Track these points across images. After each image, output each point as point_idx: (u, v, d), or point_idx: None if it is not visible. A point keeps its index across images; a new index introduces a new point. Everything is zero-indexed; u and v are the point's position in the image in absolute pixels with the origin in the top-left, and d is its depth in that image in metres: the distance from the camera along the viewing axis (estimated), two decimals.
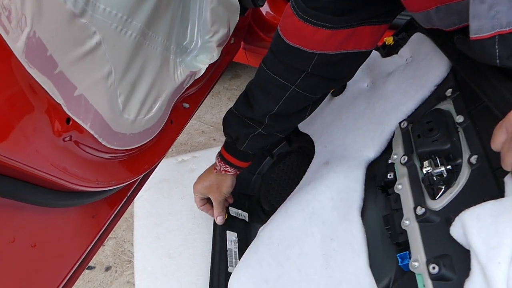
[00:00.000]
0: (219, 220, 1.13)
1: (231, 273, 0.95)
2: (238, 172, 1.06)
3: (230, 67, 1.77)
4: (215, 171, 1.06)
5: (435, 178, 0.65)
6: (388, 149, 0.84)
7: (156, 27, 0.74)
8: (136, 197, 1.01)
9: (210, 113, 1.94)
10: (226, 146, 1.03)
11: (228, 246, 1.09)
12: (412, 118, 0.81)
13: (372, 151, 0.85)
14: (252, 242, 0.95)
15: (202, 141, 1.79)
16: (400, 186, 0.70)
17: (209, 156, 1.62)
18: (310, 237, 0.81)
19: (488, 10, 0.53)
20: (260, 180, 1.19)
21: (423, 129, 0.71)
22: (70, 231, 0.73)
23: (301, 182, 0.97)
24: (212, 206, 1.14)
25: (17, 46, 0.44)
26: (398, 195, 0.70)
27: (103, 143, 0.62)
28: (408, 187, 0.68)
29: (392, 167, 0.76)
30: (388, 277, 0.68)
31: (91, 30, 0.55)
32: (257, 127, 0.91)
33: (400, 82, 0.89)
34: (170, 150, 1.00)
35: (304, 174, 0.98)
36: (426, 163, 0.67)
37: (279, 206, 0.95)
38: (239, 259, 0.99)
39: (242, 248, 1.05)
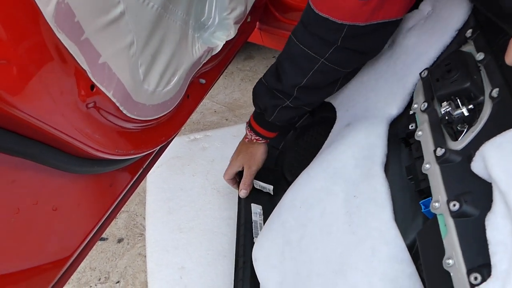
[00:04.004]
0: (243, 193, 1.13)
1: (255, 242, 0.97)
2: (267, 141, 1.08)
3: (244, 48, 1.77)
4: (247, 140, 1.09)
5: (454, 119, 0.63)
6: (411, 104, 0.81)
7: (176, 1, 0.75)
8: (149, 172, 1.04)
9: (223, 93, 1.95)
10: (255, 116, 1.05)
11: (253, 218, 1.09)
12: (432, 67, 0.79)
13: (394, 108, 0.83)
14: (275, 208, 0.94)
15: (215, 121, 1.81)
16: (420, 133, 0.68)
17: (221, 135, 1.64)
18: (333, 197, 0.80)
19: None
20: (284, 153, 1.20)
21: (442, 72, 0.69)
22: (89, 198, 0.75)
23: (323, 146, 0.96)
24: (237, 182, 1.17)
25: (47, 10, 0.45)
26: (419, 142, 0.68)
27: (124, 112, 0.64)
28: (429, 132, 0.67)
29: (413, 117, 0.75)
30: (415, 229, 0.66)
31: None
32: (285, 100, 0.92)
33: (421, 35, 0.86)
34: (183, 128, 1.01)
35: None
36: (444, 103, 0.65)
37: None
38: None
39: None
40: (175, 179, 1.49)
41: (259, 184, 1.15)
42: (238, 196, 1.16)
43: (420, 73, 0.79)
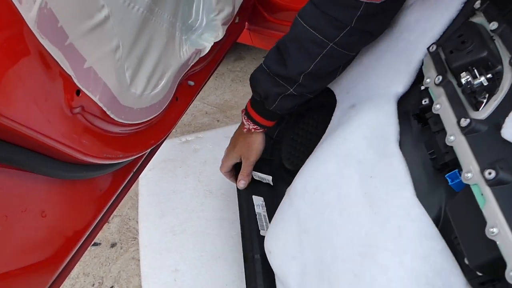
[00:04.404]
0: (242, 184, 1.10)
1: (264, 236, 0.93)
2: (265, 130, 1.03)
3: (234, 49, 1.78)
4: (245, 130, 1.04)
5: (476, 88, 0.62)
6: (417, 82, 0.80)
7: (162, 3, 0.74)
8: (141, 176, 1.03)
9: (213, 95, 1.95)
10: (252, 104, 0.99)
11: (257, 210, 1.06)
12: (440, 41, 0.76)
13: (400, 85, 0.80)
14: (284, 197, 0.90)
15: (206, 122, 1.80)
16: (438, 106, 0.66)
17: (212, 137, 1.64)
18: (347, 179, 0.77)
19: None
20: (279, 143, 1.16)
21: (455, 44, 0.67)
22: (79, 203, 0.75)
23: (327, 130, 0.92)
24: (235, 174, 1.14)
25: (29, 16, 0.45)
26: (437, 116, 0.67)
27: (111, 116, 0.64)
28: (448, 104, 0.65)
29: (425, 92, 0.72)
30: (438, 205, 0.66)
31: (99, 3, 0.56)
32: (289, 87, 0.88)
33: (423, 10, 0.83)
34: (174, 130, 1.01)
35: (327, 127, 0.94)
36: (464, 74, 0.64)
37: (303, 164, 0.90)
38: (270, 222, 0.97)
39: (271, 211, 1.03)
40: (167, 181, 1.49)
41: (258, 175, 1.11)
42: (237, 189, 1.12)
43: (428, 48, 0.76)
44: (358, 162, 0.77)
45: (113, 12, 0.59)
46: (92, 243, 0.85)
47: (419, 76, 0.79)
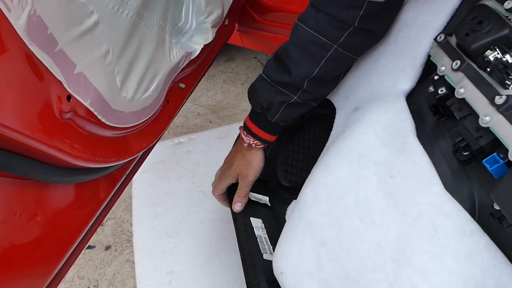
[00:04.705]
0: (238, 207, 1.00)
1: (268, 260, 0.85)
2: (266, 146, 0.97)
3: (225, 50, 1.78)
4: (245, 144, 0.96)
5: (507, 64, 0.59)
6: (422, 78, 0.77)
7: (151, 7, 0.75)
8: (134, 178, 1.03)
9: (205, 96, 1.95)
10: (252, 117, 0.94)
11: (256, 233, 0.96)
12: (447, 30, 0.73)
13: (407, 82, 0.77)
14: (291, 212, 0.83)
15: (198, 123, 1.81)
16: (462, 90, 0.63)
17: (205, 138, 1.65)
18: (364, 182, 0.71)
19: None
20: (273, 161, 1.10)
21: (470, 26, 0.64)
22: (72, 207, 0.75)
23: (330, 138, 0.88)
24: (228, 197, 1.06)
25: (19, 24, 0.45)
26: (461, 101, 0.64)
27: (103, 120, 0.65)
28: (473, 86, 0.62)
29: (441, 81, 0.69)
30: (469, 198, 0.62)
31: (88, 9, 0.57)
32: (293, 95, 0.84)
33: (420, 6, 0.81)
34: (166, 132, 1.01)
35: (325, 140, 0.89)
36: (489, 51, 0.61)
37: (303, 181, 0.84)
38: (272, 244, 0.89)
39: (272, 233, 0.95)
40: (161, 183, 1.49)
41: (254, 196, 1.04)
42: (233, 212, 1.03)
43: (436, 38, 0.74)
44: (374, 163, 0.72)
45: (102, 18, 0.60)
46: (87, 246, 0.85)
47: (425, 72, 0.77)
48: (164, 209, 1.41)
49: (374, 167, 0.71)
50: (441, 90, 0.69)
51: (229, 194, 1.05)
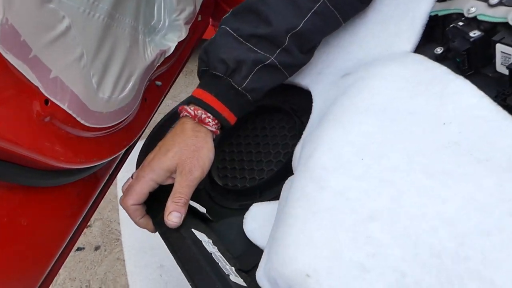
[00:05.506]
0: (175, 218, 0.63)
1: (237, 283, 0.56)
2: (218, 132, 0.69)
3: (201, 45, 1.79)
4: (193, 120, 0.67)
5: None
6: (424, 43, 0.67)
7: (123, 8, 0.77)
8: (118, 177, 1.04)
9: (185, 92, 1.97)
10: (206, 86, 0.68)
11: (208, 249, 0.62)
12: None
13: (406, 44, 0.66)
14: (295, 186, 0.57)
15: None
16: None
17: None
18: (407, 134, 0.54)
19: None
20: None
21: None
22: (57, 209, 0.77)
23: (314, 110, 0.71)
24: (146, 210, 0.71)
25: None
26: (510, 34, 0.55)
27: (82, 121, 0.66)
28: None
29: (469, 24, 0.61)
30: None
31: (60, 14, 0.58)
32: (269, 55, 0.67)
33: None
34: (147, 130, 1.03)
35: (277, 132, 0.72)
36: None
37: (252, 183, 0.68)
38: (232, 264, 0.61)
39: (223, 251, 0.65)
40: None
41: (192, 205, 0.70)
42: (163, 229, 0.66)
43: None
44: (410, 114, 0.56)
45: (74, 22, 0.61)
46: (76, 248, 0.87)
47: (426, 34, 0.67)
48: None
49: (411, 117, 0.55)
50: (474, 33, 0.60)
51: (149, 207, 0.70)
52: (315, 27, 0.69)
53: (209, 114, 0.67)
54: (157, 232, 0.70)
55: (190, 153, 0.65)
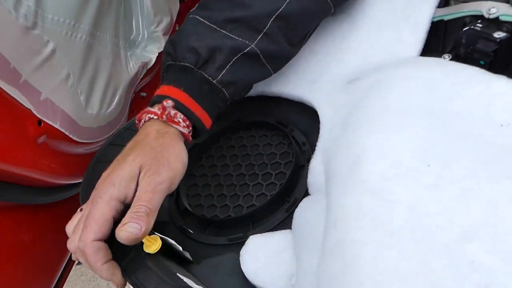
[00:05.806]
0: (133, 229, 0.43)
1: None
2: (189, 135, 0.52)
3: None
4: (160, 119, 0.50)
5: None
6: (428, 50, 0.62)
7: (102, 26, 0.80)
8: None
9: None
10: (173, 80, 0.53)
11: None
12: None
13: (410, 51, 0.61)
14: (330, 193, 0.46)
15: None
16: None
17: None
18: (465, 137, 0.47)
19: None
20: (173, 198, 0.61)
21: None
22: (59, 223, 0.80)
23: (324, 122, 0.59)
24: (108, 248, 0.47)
25: None
26: None
27: (74, 138, 0.70)
28: None
29: (489, 26, 0.57)
30: None
31: (44, 39, 0.62)
32: (248, 42, 0.54)
33: None
34: None
35: (261, 150, 0.61)
36: None
37: (237, 212, 0.54)
38: None
39: None
40: None
41: (167, 241, 0.49)
42: (134, 271, 0.47)
43: None
44: (457, 115, 0.50)
45: (58, 45, 0.65)
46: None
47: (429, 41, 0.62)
48: None
49: (460, 119, 0.49)
50: (498, 34, 0.56)
51: (115, 250, 0.47)
52: (302, 8, 0.57)
53: (176, 112, 0.51)
54: None
55: (156, 153, 0.48)
